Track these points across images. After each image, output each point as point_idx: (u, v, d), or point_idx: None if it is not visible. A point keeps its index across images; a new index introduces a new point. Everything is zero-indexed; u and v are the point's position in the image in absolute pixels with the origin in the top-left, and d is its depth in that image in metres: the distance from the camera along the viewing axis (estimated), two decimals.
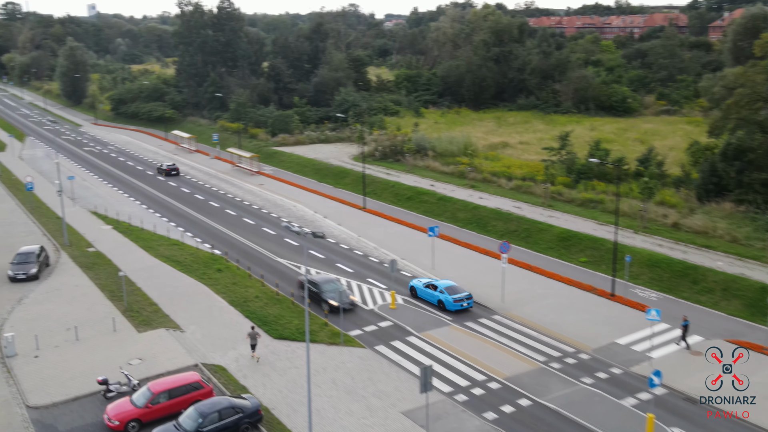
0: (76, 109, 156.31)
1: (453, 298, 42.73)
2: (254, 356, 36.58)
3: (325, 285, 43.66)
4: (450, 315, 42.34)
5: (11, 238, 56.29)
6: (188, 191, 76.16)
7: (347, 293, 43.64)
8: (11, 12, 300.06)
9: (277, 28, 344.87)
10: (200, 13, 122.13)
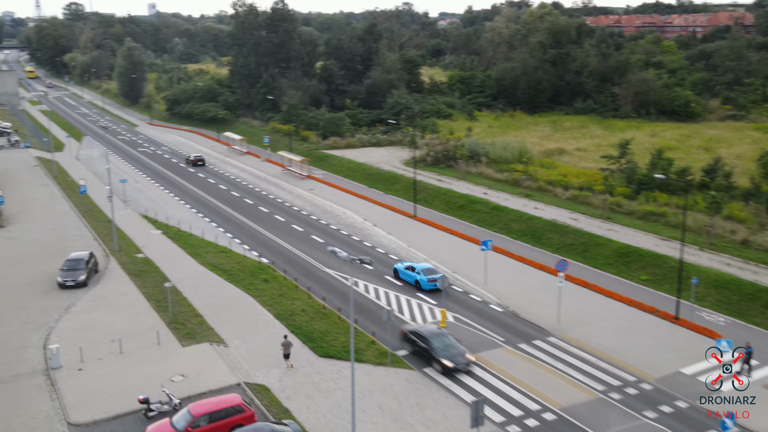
0: (133, 108, 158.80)
1: (427, 279, 47.11)
2: (288, 364, 36.32)
3: (434, 340, 36.74)
4: (500, 336, 40.52)
5: (63, 242, 56.58)
6: (238, 195, 75.82)
7: (463, 350, 36.66)
8: (74, 12, 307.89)
9: (331, 28, 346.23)
10: (254, 15, 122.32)
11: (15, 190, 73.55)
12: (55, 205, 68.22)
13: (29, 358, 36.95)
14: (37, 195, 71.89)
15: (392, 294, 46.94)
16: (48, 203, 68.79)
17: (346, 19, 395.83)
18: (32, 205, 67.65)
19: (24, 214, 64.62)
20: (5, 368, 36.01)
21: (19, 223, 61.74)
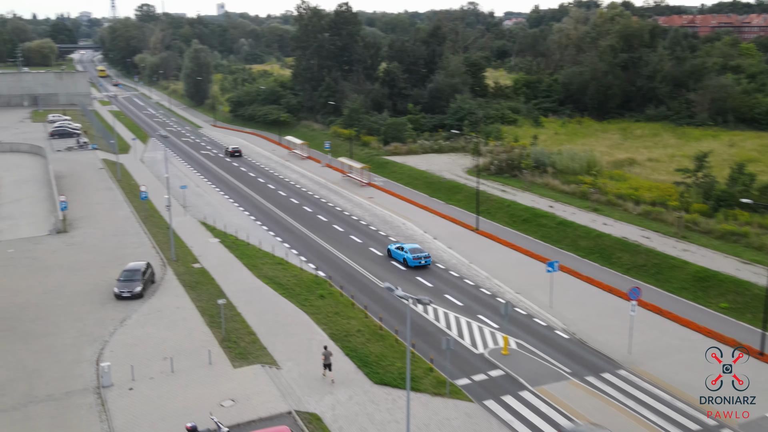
0: (198, 109, 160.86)
1: (413, 257, 53.40)
2: (326, 375, 36.02)
3: None
4: (566, 366, 38.04)
5: (122, 249, 56.61)
6: (297, 202, 74.98)
7: None
8: (146, 13, 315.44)
9: (395, 28, 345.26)
10: (318, 17, 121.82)
11: (79, 193, 74.48)
12: (117, 209, 68.66)
13: (82, 374, 36.49)
14: (100, 199, 72.62)
15: (452, 315, 44.97)
16: (110, 208, 69.32)
17: (411, 19, 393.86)
18: (95, 210, 68.26)
19: (87, 218, 65.17)
20: (58, 384, 35.61)
21: (81, 228, 62.22)
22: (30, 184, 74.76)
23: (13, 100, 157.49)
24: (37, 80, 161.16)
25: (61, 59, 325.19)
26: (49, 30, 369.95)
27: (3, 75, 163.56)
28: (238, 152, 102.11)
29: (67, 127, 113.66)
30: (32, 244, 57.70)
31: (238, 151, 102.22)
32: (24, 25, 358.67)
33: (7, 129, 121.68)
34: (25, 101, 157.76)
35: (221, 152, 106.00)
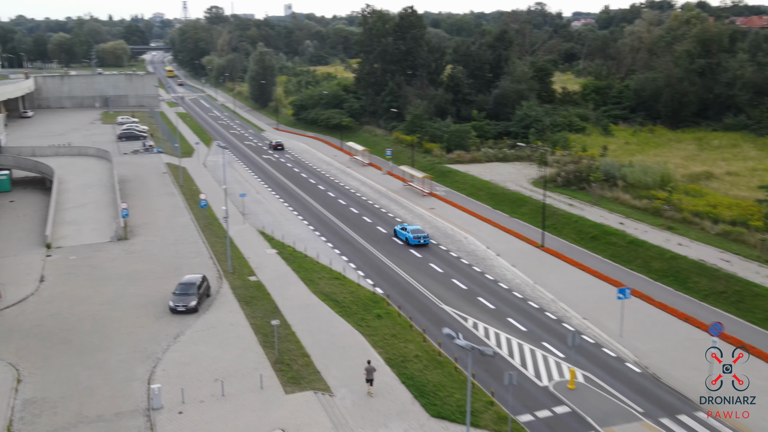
0: (262, 111, 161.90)
1: (413, 236, 61.27)
2: (370, 391, 35.63)
3: None
4: (638, 405, 35.31)
5: (180, 258, 56.26)
6: (356, 212, 73.65)
7: None
8: (215, 15, 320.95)
9: (461, 29, 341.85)
10: (382, 21, 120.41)
11: (142, 199, 74.94)
12: (177, 217, 68.64)
13: (132, 394, 35.80)
14: (161, 205, 72.84)
15: (515, 341, 42.68)
16: (170, 215, 69.37)
17: (476, 20, 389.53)
18: (156, 217, 68.41)
19: (147, 225, 65.30)
20: (109, 404, 34.99)
21: (141, 236, 62.31)
22: (95, 189, 75.65)
23: (85, 101, 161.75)
24: (108, 82, 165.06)
25: (133, 60, 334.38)
26: (123, 32, 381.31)
27: (77, 77, 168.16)
28: (281, 146, 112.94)
29: (134, 130, 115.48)
30: (93, 251, 57.97)
31: (281, 145, 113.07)
32: (99, 27, 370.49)
33: (78, 131, 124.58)
34: (96, 102, 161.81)
35: (282, 157, 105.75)
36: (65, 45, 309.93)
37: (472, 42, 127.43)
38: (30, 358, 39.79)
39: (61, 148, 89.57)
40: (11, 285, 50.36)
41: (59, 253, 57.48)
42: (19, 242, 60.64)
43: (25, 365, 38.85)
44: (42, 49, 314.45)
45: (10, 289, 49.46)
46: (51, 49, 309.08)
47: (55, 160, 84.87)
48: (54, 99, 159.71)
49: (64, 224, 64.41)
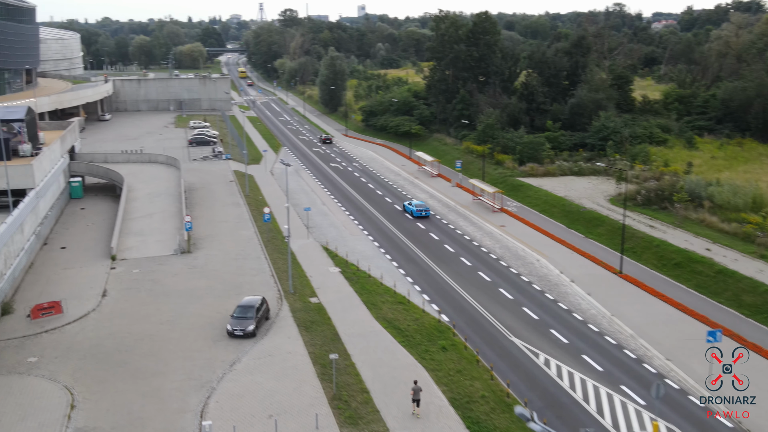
0: (331, 116, 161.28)
1: (416, 209, 74.24)
2: (415, 412, 35.06)
3: None
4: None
5: (241, 275, 55.05)
6: (423, 228, 71.19)
7: None
8: (289, 18, 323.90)
9: (536, 32, 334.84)
10: (455, 28, 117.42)
11: (207, 209, 74.50)
12: (241, 229, 67.69)
13: (184, 428, 34.38)
14: (226, 216, 72.15)
15: (590, 383, 39.41)
16: (235, 226, 68.51)
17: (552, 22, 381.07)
18: (220, 228, 67.65)
19: (211, 238, 64.56)
20: None
21: (204, 249, 61.55)
22: (162, 198, 75.66)
23: (161, 105, 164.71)
24: (183, 86, 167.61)
25: (209, 62, 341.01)
26: (200, 34, 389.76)
27: (153, 81, 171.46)
28: (329, 140, 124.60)
29: (205, 135, 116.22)
30: (156, 264, 57.46)
31: (329, 139, 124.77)
32: (178, 30, 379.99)
33: (152, 135, 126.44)
34: (171, 105, 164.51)
35: (350, 165, 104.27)
36: (145, 47, 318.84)
37: (547, 45, 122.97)
38: (85, 381, 39.01)
39: (132, 155, 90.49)
40: (74, 299, 50.12)
41: (123, 265, 57.20)
42: (86, 253, 60.74)
43: (80, 389, 38.05)
44: (123, 51, 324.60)
45: (72, 304, 49.18)
46: (132, 52, 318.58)
47: (125, 167, 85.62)
48: (131, 102, 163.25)
49: (130, 235, 64.34)
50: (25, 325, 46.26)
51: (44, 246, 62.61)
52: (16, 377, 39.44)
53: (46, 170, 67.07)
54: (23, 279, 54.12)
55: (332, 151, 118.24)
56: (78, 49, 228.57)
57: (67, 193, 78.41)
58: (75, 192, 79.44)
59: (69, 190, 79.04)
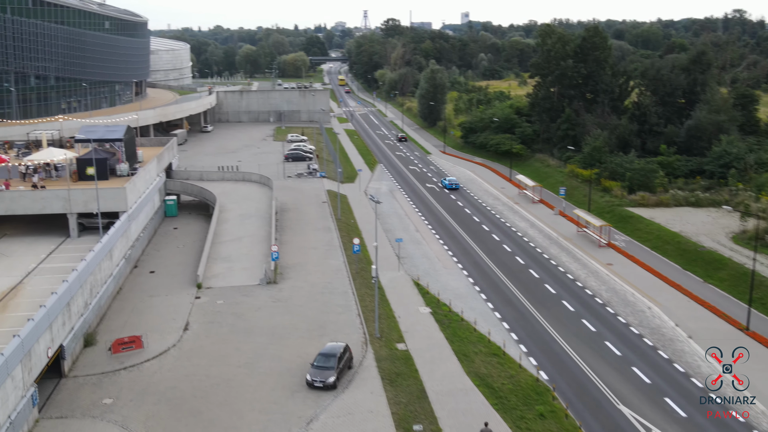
0: (429, 131, 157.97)
1: (448, 183, 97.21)
2: None
3: None
4: None
5: (326, 313, 52.25)
6: (523, 262, 66.46)
7: None
8: (391, 28, 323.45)
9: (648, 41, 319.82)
10: (562, 43, 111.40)
11: (297, 233, 72.53)
12: (330, 258, 65.12)
13: None
14: (315, 242, 69.84)
15: None
16: (324, 255, 66.03)
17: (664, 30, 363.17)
18: (308, 256, 65.34)
19: (298, 267, 62.29)
20: None
21: (291, 279, 59.30)
22: (253, 220, 74.30)
23: (261, 116, 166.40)
24: (283, 97, 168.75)
25: (312, 71, 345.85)
26: (304, 42, 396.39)
27: (254, 92, 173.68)
28: (404, 139, 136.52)
29: (301, 151, 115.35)
30: (241, 295, 55.59)
31: (404, 138, 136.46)
32: (283, 39, 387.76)
33: (250, 148, 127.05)
34: (271, 117, 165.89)
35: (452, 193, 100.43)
36: (251, 57, 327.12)
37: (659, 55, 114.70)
38: (157, 430, 37.04)
39: (226, 173, 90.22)
40: (156, 332, 48.77)
41: (208, 295, 55.66)
42: (173, 279, 59.76)
43: None
44: (231, 60, 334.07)
45: (153, 338, 47.80)
46: (238, 61, 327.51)
47: (219, 186, 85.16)
48: (233, 113, 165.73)
49: (217, 261, 62.98)
50: (106, 359, 45.15)
51: (134, 269, 62.20)
52: (89, 421, 38.00)
53: (140, 191, 66.89)
54: (110, 306, 53.46)
55: (429, 168, 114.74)
56: (187, 59, 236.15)
57: (162, 212, 78.52)
58: (170, 210, 79.48)
59: (164, 209, 79.14)
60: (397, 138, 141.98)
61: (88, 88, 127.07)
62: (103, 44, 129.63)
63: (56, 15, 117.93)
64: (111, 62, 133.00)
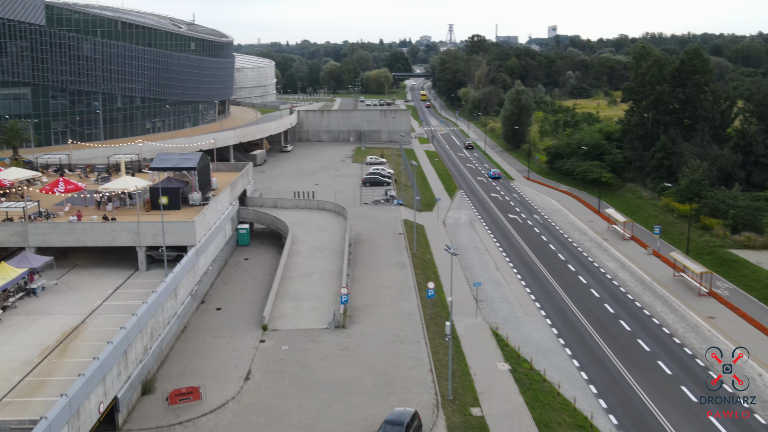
0: (513, 154, 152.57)
1: (492, 173, 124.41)
2: None
3: None
4: None
5: (396, 366, 48.45)
6: (613, 312, 60.88)
7: None
8: (476, 44, 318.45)
9: (748, 57, 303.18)
10: (658, 67, 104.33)
11: (370, 269, 69.21)
12: (403, 300, 61.37)
13: None
14: (389, 280, 66.26)
15: None
16: (396, 295, 62.38)
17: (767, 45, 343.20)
18: (380, 297, 61.85)
19: (369, 309, 58.87)
20: None
21: (360, 323, 55.91)
22: (325, 254, 71.44)
23: (341, 136, 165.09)
24: (364, 117, 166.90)
25: (395, 87, 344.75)
26: (388, 58, 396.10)
27: (335, 112, 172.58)
28: (471, 146, 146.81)
29: (379, 175, 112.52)
30: (307, 340, 52.53)
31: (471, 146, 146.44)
32: (367, 55, 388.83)
33: (328, 169, 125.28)
34: (351, 137, 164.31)
35: (529, 218, 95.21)
36: (335, 73, 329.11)
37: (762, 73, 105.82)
38: None
39: (301, 200, 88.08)
40: (216, 382, 46.26)
41: (273, 338, 52.90)
42: (239, 318, 57.42)
43: None
44: (315, 76, 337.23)
45: (213, 388, 45.28)
46: (322, 77, 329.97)
47: (293, 215, 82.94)
48: (313, 132, 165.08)
49: (285, 299, 60.27)
50: (162, 410, 42.87)
51: (201, 305, 60.33)
52: None
53: (210, 223, 65.22)
54: (172, 347, 51.48)
55: (511, 197, 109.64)
56: (272, 76, 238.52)
57: (234, 241, 76.90)
58: (242, 239, 77.81)
59: (236, 238, 77.52)
60: (465, 145, 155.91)
61: (171, 108, 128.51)
62: (188, 65, 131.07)
63: (144, 37, 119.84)
64: (195, 83, 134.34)
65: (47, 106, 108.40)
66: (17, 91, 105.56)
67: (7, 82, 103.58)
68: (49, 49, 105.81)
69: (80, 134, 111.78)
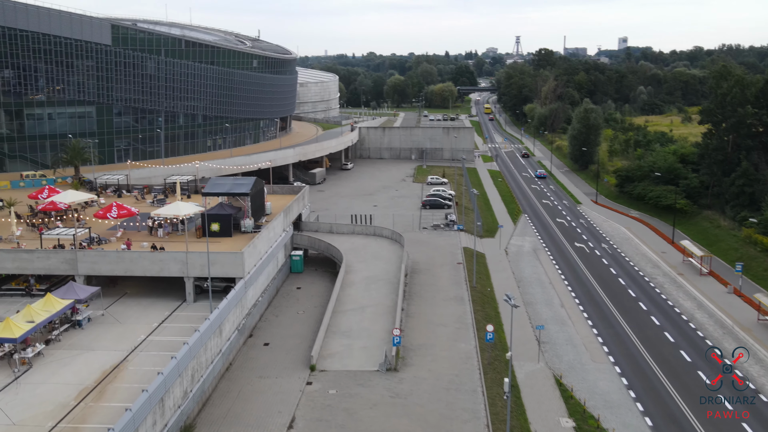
0: (580, 175, 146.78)
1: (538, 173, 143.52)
2: None
3: None
4: None
5: (449, 419, 44.90)
6: (689, 360, 55.78)
7: None
8: (543, 58, 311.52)
9: None
10: (740, 87, 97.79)
11: (426, 303, 65.80)
12: (460, 340, 57.68)
13: None
14: (445, 317, 62.64)
15: None
16: (453, 335, 58.73)
17: None
18: (436, 335, 58.35)
19: (423, 350, 55.45)
20: None
21: (413, 366, 52.54)
22: (380, 285, 68.39)
23: (402, 153, 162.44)
24: (426, 135, 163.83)
25: (459, 101, 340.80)
26: (453, 71, 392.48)
27: (397, 129, 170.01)
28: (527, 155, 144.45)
29: (439, 197, 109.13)
30: (356, 384, 49.51)
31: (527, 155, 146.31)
32: (431, 69, 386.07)
33: (387, 189, 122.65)
34: (413, 155, 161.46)
35: (597, 247, 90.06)
36: (399, 87, 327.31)
37: None
38: None
39: (357, 226, 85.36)
40: (258, 429, 43.68)
41: (321, 380, 50.09)
42: (287, 355, 54.87)
43: None
44: (379, 89, 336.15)
45: None
46: (386, 91, 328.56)
47: (348, 241, 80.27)
48: (374, 149, 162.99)
49: (336, 335, 57.41)
50: None
51: (249, 339, 58.09)
52: None
53: (261, 253, 63.10)
54: (216, 387, 49.24)
55: (578, 222, 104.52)
56: (335, 91, 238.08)
57: (287, 268, 74.73)
58: (295, 266, 75.63)
59: (289, 264, 75.37)
60: (521, 154, 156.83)
61: (231, 126, 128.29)
62: (250, 82, 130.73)
63: (207, 56, 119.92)
64: (257, 100, 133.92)
65: (111, 125, 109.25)
66: (82, 110, 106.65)
67: (73, 101, 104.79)
68: (114, 68, 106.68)
69: (142, 152, 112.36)
